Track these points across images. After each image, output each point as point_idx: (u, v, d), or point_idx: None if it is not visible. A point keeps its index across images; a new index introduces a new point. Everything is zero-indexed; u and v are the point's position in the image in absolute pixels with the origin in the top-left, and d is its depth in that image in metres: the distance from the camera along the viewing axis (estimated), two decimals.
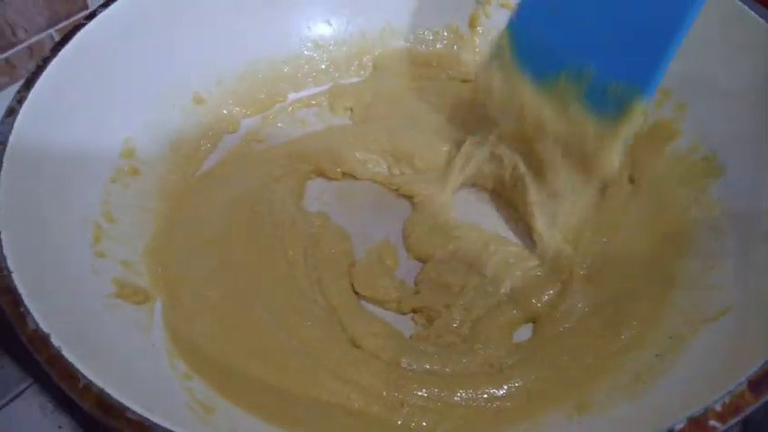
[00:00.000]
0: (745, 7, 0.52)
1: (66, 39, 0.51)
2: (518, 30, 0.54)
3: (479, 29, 0.68)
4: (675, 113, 0.57)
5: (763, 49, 0.51)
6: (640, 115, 0.50)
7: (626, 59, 0.49)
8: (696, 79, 0.56)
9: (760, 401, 0.32)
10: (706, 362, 0.40)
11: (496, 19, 0.66)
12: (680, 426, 0.31)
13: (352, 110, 0.66)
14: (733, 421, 0.31)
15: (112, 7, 0.54)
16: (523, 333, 0.51)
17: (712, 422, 0.31)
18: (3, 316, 0.39)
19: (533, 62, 0.53)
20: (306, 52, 0.68)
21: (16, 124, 0.45)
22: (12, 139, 0.44)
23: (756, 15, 0.51)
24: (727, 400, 0.31)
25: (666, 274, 0.50)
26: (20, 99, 0.46)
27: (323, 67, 0.68)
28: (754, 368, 0.33)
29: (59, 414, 0.51)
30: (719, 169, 0.53)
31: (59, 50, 0.50)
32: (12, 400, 0.52)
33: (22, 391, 0.52)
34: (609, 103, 0.49)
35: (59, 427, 0.51)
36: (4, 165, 0.43)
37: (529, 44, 0.53)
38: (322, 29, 0.68)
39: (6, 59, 0.68)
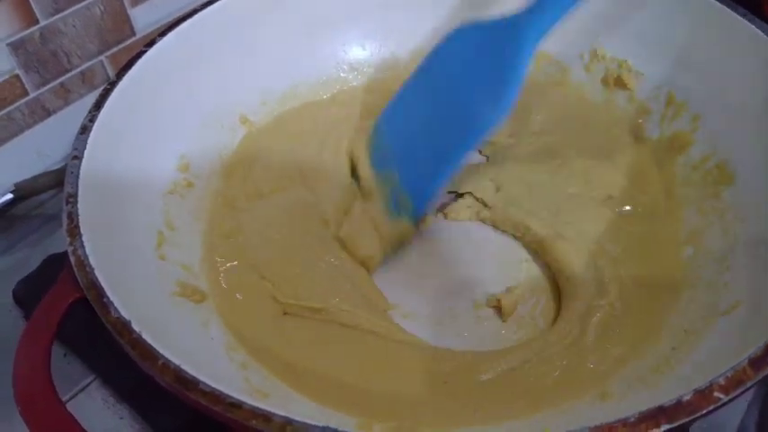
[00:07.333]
0: (752, 26, 0.55)
1: (129, 65, 0.56)
2: (377, 125, 0.62)
3: None
4: (691, 125, 0.60)
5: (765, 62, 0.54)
6: (408, 233, 0.57)
7: (415, 178, 0.56)
8: (710, 92, 0.59)
9: (759, 376, 0.35)
10: (718, 350, 0.43)
11: None
12: (687, 397, 0.34)
13: None
14: (735, 393, 0.34)
15: (169, 36, 0.59)
16: None
17: (716, 394, 0.34)
18: (70, 321, 0.43)
19: (376, 153, 0.61)
20: (342, 74, 0.72)
21: (89, 140, 0.50)
22: (86, 153, 0.49)
23: (760, 31, 0.54)
24: (729, 374, 0.35)
25: (683, 275, 0.53)
26: (91, 118, 0.51)
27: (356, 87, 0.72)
28: (755, 348, 0.36)
29: (120, 406, 0.56)
30: (732, 176, 0.55)
31: (123, 75, 0.55)
32: (78, 393, 0.56)
33: (87, 386, 0.57)
34: (399, 210, 0.57)
35: (120, 418, 0.55)
36: (81, 176, 0.47)
37: (377, 138, 0.61)
38: (357, 52, 0.72)
39: (62, 84, 0.72)
